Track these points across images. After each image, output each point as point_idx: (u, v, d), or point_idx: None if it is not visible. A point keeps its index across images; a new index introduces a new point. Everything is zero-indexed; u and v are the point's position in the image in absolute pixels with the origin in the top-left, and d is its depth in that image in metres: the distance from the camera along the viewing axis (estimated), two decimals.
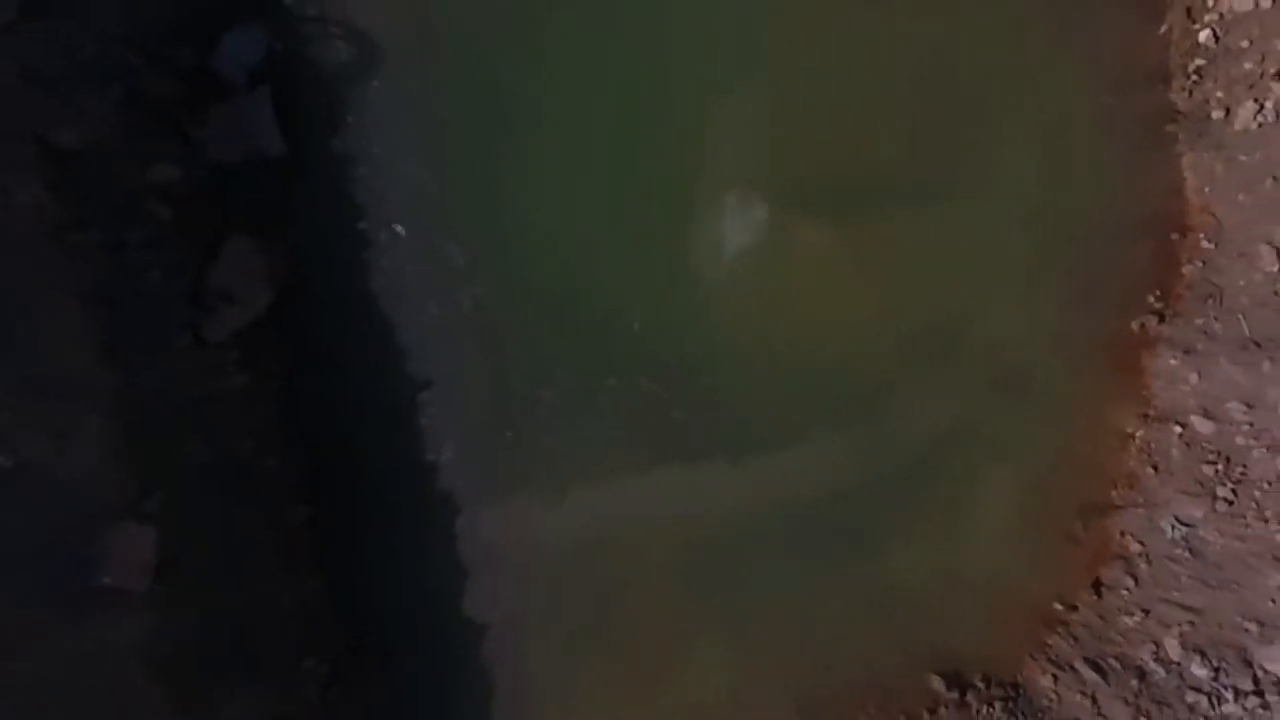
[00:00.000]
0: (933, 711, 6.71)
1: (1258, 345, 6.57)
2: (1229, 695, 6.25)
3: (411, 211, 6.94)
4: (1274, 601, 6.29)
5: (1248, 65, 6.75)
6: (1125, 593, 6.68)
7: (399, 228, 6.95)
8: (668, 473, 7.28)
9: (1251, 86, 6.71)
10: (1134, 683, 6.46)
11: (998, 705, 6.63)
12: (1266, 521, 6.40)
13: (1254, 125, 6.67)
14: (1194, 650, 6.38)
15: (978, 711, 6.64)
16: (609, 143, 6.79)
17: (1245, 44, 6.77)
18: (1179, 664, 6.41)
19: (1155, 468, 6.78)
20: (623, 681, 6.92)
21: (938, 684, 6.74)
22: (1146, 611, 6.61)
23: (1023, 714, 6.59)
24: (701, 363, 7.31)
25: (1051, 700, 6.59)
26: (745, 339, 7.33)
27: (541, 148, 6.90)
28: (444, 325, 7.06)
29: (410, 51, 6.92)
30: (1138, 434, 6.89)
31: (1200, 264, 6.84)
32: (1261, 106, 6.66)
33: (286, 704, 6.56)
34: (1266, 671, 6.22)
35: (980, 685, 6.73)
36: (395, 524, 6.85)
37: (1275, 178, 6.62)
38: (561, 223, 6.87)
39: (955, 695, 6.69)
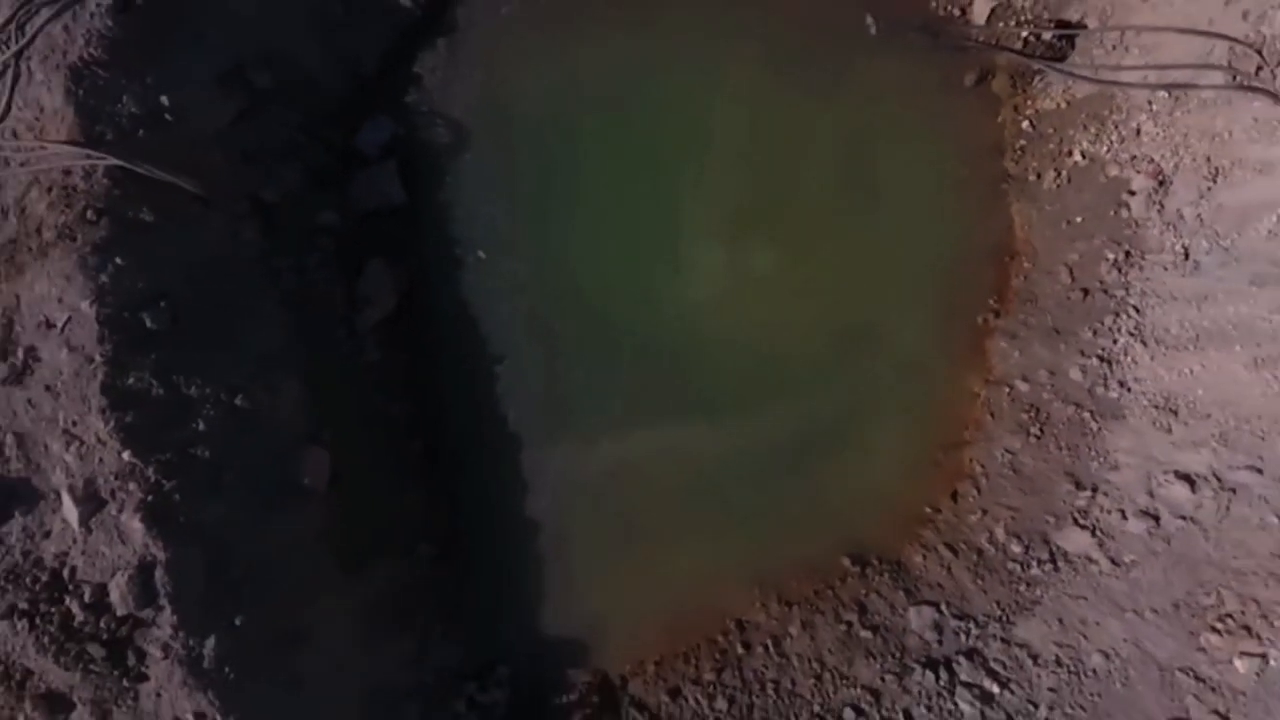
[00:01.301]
0: (842, 580, 9.75)
1: (1057, 332, 9.71)
2: (1034, 563, 9.37)
3: (490, 242, 9.88)
4: (1064, 502, 9.41)
5: (1051, 145, 9.93)
6: (971, 499, 9.76)
7: (481, 253, 9.97)
8: (665, 425, 10.14)
9: (1054, 160, 9.90)
10: (974, 557, 9.52)
11: (886, 575, 9.67)
12: (1061, 450, 9.55)
13: (1054, 186, 9.82)
14: (1013, 535, 9.44)
15: (872, 580, 9.67)
16: (624, 198, 9.86)
17: (1050, 131, 9.94)
18: (1004, 544, 9.49)
19: (992, 415, 9.86)
20: (637, 566, 9.92)
21: (846, 562, 9.74)
22: (985, 511, 9.67)
23: (902, 580, 9.70)
24: (686, 352, 9.99)
25: (921, 571, 9.67)
26: (717, 336, 9.88)
27: (577, 200, 9.99)
28: (510, 321, 10.01)
29: (489, 134, 9.93)
30: (981, 393, 9.88)
31: (1023, 278, 9.94)
32: (1059, 174, 9.83)
33: (408, 574, 9.62)
34: (1058, 548, 9.32)
35: (875, 562, 9.76)
36: (480, 456, 9.90)
37: (1068, 221, 9.76)
38: (591, 253, 9.95)
39: (857, 569, 9.71)
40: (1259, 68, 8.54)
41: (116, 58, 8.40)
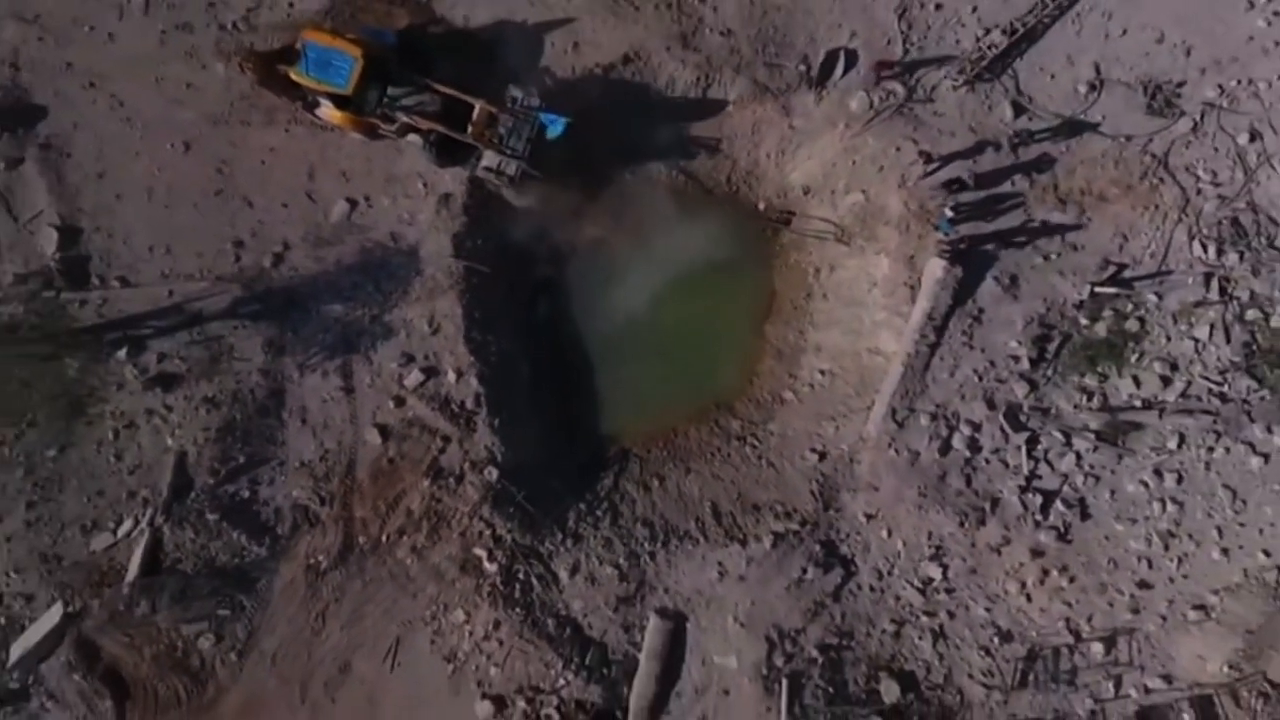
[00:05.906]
0: (710, 413, 26.55)
1: (788, 323, 26.60)
2: (778, 404, 26.23)
3: (586, 293, 27.18)
4: (795, 375, 26.36)
5: (790, 255, 26.94)
6: (758, 384, 25.81)
7: (581, 298, 27.30)
8: (648, 364, 27.01)
9: (788, 261, 27.08)
10: (757, 403, 26.17)
11: (726, 410, 25.94)
12: (776, 363, 26.50)
13: (788, 269, 26.99)
14: (768, 394, 26.32)
15: (722, 411, 25.93)
16: (632, 288, 26.76)
17: (790, 249, 27.15)
18: (768, 397, 26.25)
19: (767, 355, 26.78)
20: (637, 409, 26.44)
21: (714, 406, 26.38)
22: (763, 389, 26.30)
23: (733, 412, 26.43)
24: (657, 339, 26.83)
25: (740, 409, 26.03)
26: (670, 335, 26.56)
27: (615, 288, 27.24)
28: (592, 323, 26.94)
29: (576, 280, 27.37)
30: (764, 346, 26.68)
31: (778, 304, 26.89)
32: (788, 264, 27.02)
33: (557, 400, 26.34)
34: (781, 396, 26.22)
35: (724, 406, 25.81)
36: (579, 364, 26.44)
37: (791, 282, 26.91)
38: (620, 303, 26.66)
39: (717, 409, 26.13)
40: (843, 237, 25.88)
41: (466, 227, 25.91)
